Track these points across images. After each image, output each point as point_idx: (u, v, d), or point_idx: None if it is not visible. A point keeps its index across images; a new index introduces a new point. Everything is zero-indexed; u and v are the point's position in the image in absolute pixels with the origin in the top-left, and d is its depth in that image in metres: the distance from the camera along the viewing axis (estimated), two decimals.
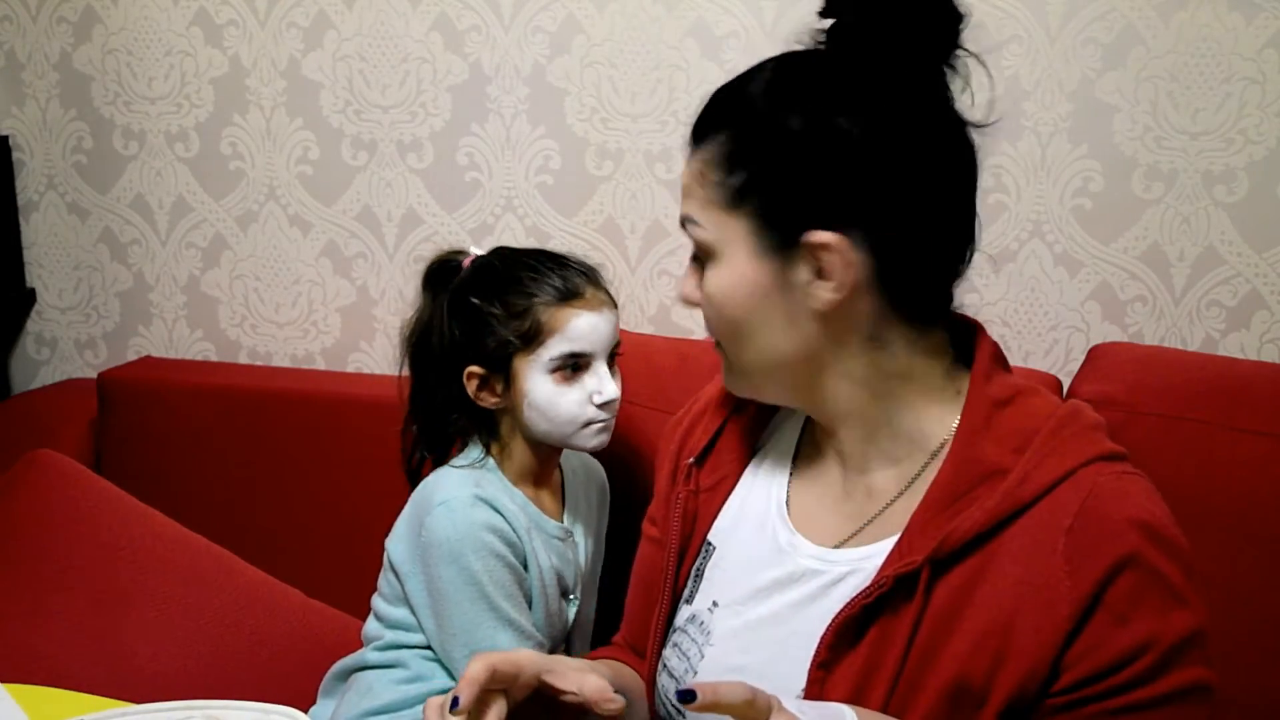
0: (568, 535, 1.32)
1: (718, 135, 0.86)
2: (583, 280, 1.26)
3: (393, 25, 1.75)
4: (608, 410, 1.26)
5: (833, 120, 0.81)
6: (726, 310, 0.87)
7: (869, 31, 0.84)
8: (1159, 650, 0.77)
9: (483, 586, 1.19)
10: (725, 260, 0.86)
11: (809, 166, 0.82)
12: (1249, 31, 1.48)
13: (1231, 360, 1.50)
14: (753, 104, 0.85)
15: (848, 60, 0.85)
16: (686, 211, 0.88)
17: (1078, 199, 1.58)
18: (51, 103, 1.91)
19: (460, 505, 1.21)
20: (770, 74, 0.86)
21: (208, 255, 1.91)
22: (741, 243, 0.85)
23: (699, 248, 0.88)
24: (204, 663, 1.37)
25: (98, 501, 1.48)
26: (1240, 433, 1.29)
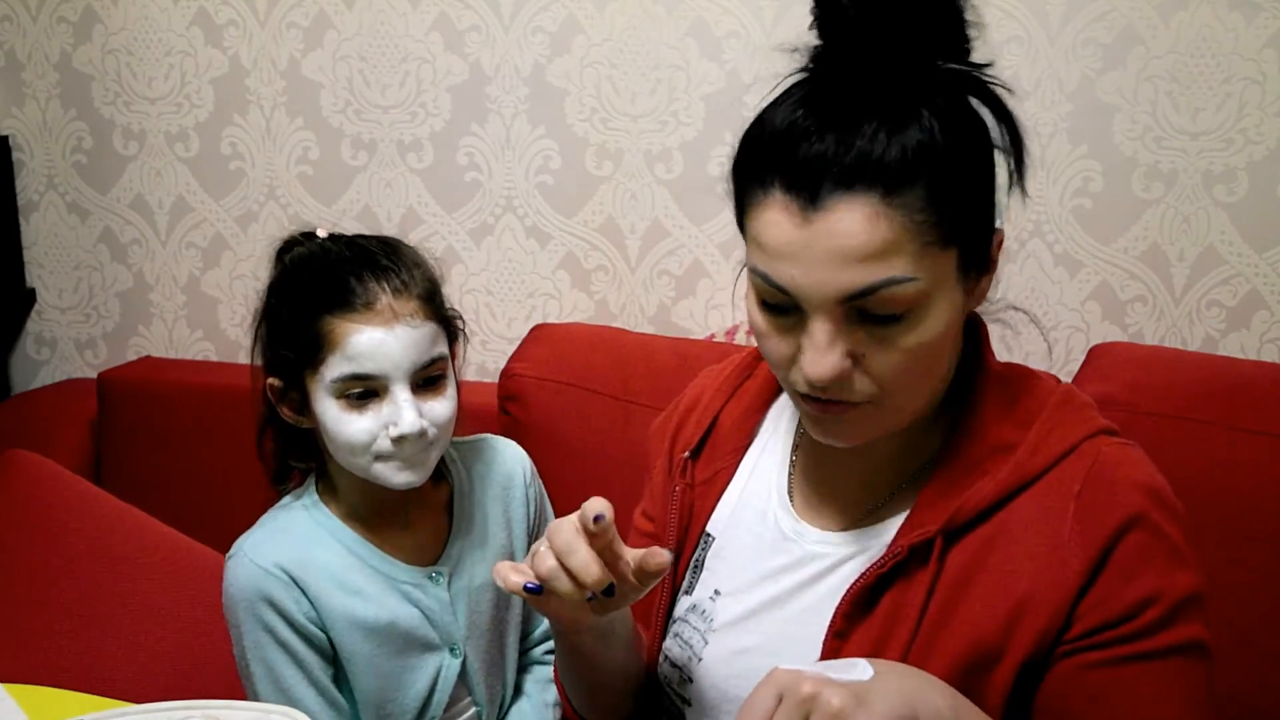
0: (437, 576, 1.14)
1: (918, 173, 0.76)
2: (381, 288, 1.05)
3: (393, 25, 1.75)
4: (409, 445, 1.05)
5: (971, 126, 0.81)
6: (935, 352, 0.81)
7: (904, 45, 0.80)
8: (1164, 605, 0.80)
9: (249, 664, 1.08)
10: (936, 302, 0.79)
11: (983, 167, 0.82)
12: (1249, 31, 1.48)
13: (1231, 360, 1.49)
14: (940, 114, 0.78)
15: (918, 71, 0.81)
16: (886, 274, 0.76)
17: (1078, 199, 1.58)
18: (51, 103, 1.91)
19: (242, 564, 1.08)
20: (892, 88, 0.78)
21: (208, 255, 1.91)
22: (951, 274, 0.80)
23: (900, 305, 0.77)
24: (181, 670, 1.36)
25: (73, 502, 1.47)
26: (1240, 432, 1.29)
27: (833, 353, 0.78)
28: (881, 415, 0.83)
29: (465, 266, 1.80)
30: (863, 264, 0.75)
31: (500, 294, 1.81)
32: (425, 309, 1.07)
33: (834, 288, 0.76)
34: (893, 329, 0.78)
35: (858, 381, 0.80)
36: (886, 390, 0.81)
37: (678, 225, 1.71)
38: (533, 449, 1.54)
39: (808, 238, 0.76)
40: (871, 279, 0.76)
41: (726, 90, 1.65)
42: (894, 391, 0.81)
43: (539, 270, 1.79)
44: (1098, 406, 0.91)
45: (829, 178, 0.75)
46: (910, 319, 0.78)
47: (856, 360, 0.80)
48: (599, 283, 1.77)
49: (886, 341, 0.79)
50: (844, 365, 0.79)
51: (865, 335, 0.79)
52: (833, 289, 0.76)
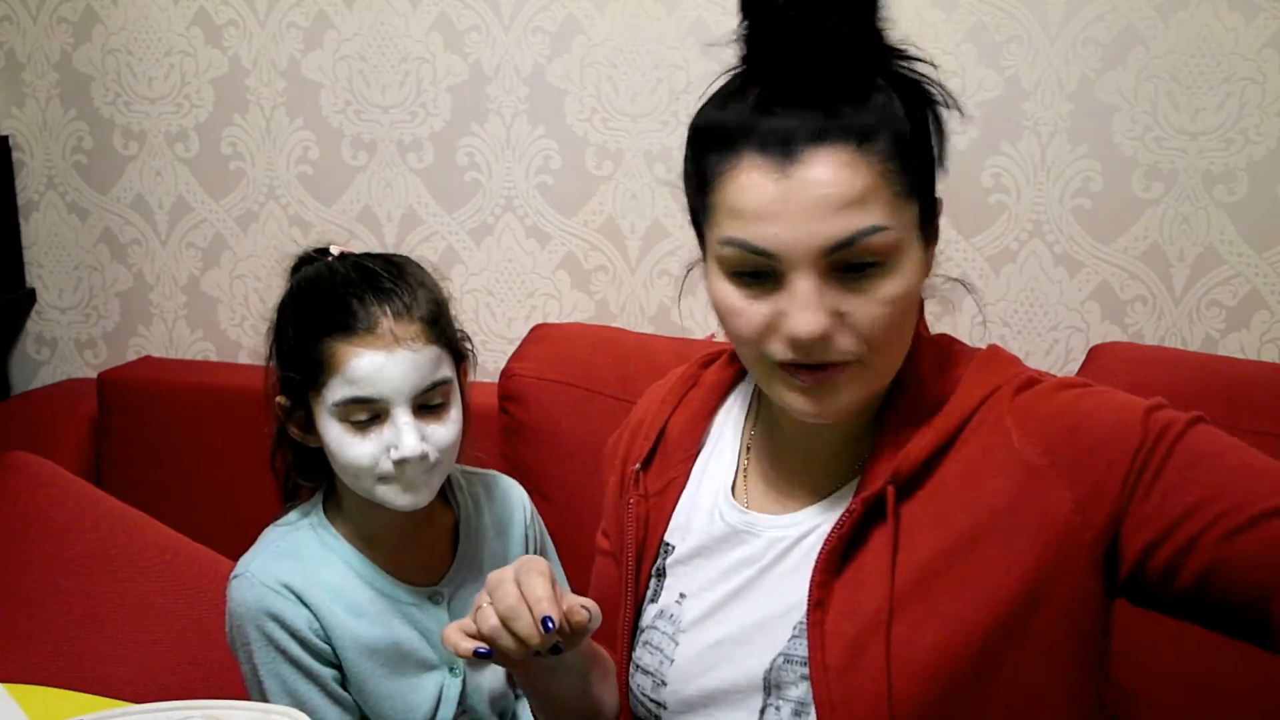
0: (438, 597, 1.15)
1: (884, 130, 0.80)
2: (383, 311, 1.05)
3: (393, 25, 1.75)
4: (410, 469, 1.05)
5: (912, 93, 0.85)
6: (909, 308, 0.83)
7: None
8: (1167, 428, 0.83)
9: (260, 680, 1.08)
10: (907, 254, 0.82)
11: (935, 138, 0.85)
12: (1249, 31, 1.48)
13: (1231, 360, 1.49)
14: (887, 92, 0.82)
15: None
16: (868, 222, 0.78)
17: (1078, 199, 1.58)
18: (51, 103, 1.91)
19: (247, 583, 1.08)
20: (837, 62, 0.81)
21: (208, 255, 1.91)
22: (915, 229, 0.83)
23: (877, 254, 0.79)
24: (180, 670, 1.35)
25: (72, 504, 1.47)
26: (1240, 432, 1.27)
27: (819, 308, 0.79)
28: (867, 376, 0.84)
29: (465, 266, 1.80)
30: (842, 212, 0.77)
31: (500, 294, 1.81)
32: (428, 332, 1.07)
33: (818, 239, 0.78)
34: (872, 282, 0.80)
35: (841, 340, 0.81)
36: (871, 346, 0.81)
37: (678, 225, 1.71)
38: (532, 449, 1.54)
39: (786, 192, 0.78)
40: (853, 227, 0.78)
41: None
42: (877, 348, 0.82)
43: (539, 270, 1.79)
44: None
45: (802, 134, 0.78)
46: (886, 270, 0.80)
47: (839, 319, 0.80)
48: (599, 283, 1.77)
49: (867, 295, 0.80)
50: (829, 322, 0.80)
51: (846, 292, 0.80)
52: (816, 241, 0.78)
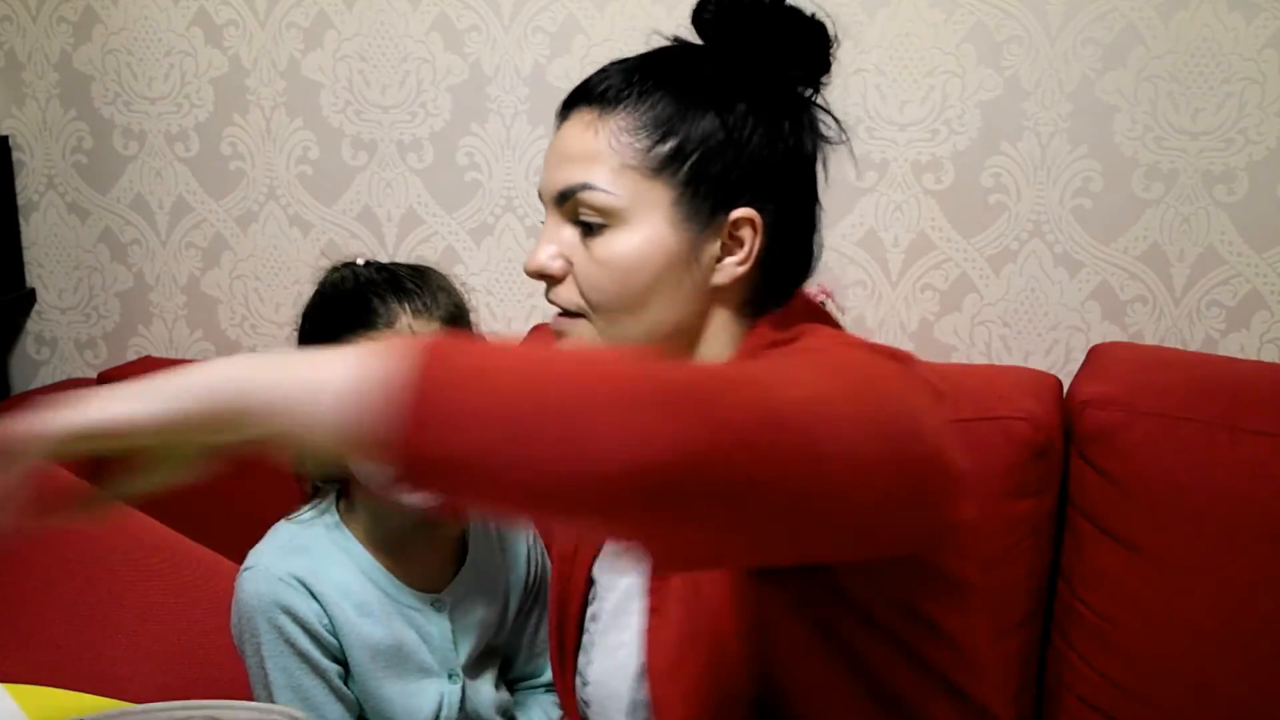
0: (440, 604, 1.16)
1: (644, 97, 0.87)
2: (400, 306, 1.08)
3: (393, 25, 1.75)
4: None
5: (762, 102, 0.88)
6: (633, 278, 0.86)
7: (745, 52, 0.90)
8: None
9: (267, 672, 1.09)
10: (636, 227, 0.86)
11: (744, 144, 0.87)
12: (1249, 31, 1.48)
13: (1231, 360, 1.50)
14: (690, 72, 0.88)
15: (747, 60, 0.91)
16: (584, 179, 0.86)
17: (1078, 199, 1.58)
18: (51, 103, 1.91)
19: (258, 576, 1.10)
20: (701, 52, 0.91)
21: (208, 255, 1.91)
22: (659, 210, 0.86)
23: (595, 212, 0.86)
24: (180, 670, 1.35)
25: None
26: (1240, 432, 1.29)
27: (547, 246, 0.89)
28: (593, 335, 0.89)
29: (465, 266, 1.80)
30: (571, 165, 0.87)
31: (500, 294, 1.81)
32: (447, 330, 1.10)
33: (553, 186, 0.89)
34: (596, 239, 0.87)
35: (566, 289, 0.88)
36: (589, 304, 0.88)
37: None
38: None
39: (555, 142, 0.91)
40: (573, 180, 0.87)
41: None
42: (595, 307, 0.88)
43: None
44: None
45: (576, 96, 0.90)
46: (609, 233, 0.86)
47: (569, 269, 0.88)
48: None
49: (589, 253, 0.87)
50: (552, 262, 0.88)
51: (579, 244, 0.88)
52: (552, 187, 0.89)
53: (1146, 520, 1.30)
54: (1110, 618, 1.31)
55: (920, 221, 1.63)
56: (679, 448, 0.60)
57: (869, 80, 1.61)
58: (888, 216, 1.64)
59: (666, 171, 0.86)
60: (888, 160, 1.62)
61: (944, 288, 1.63)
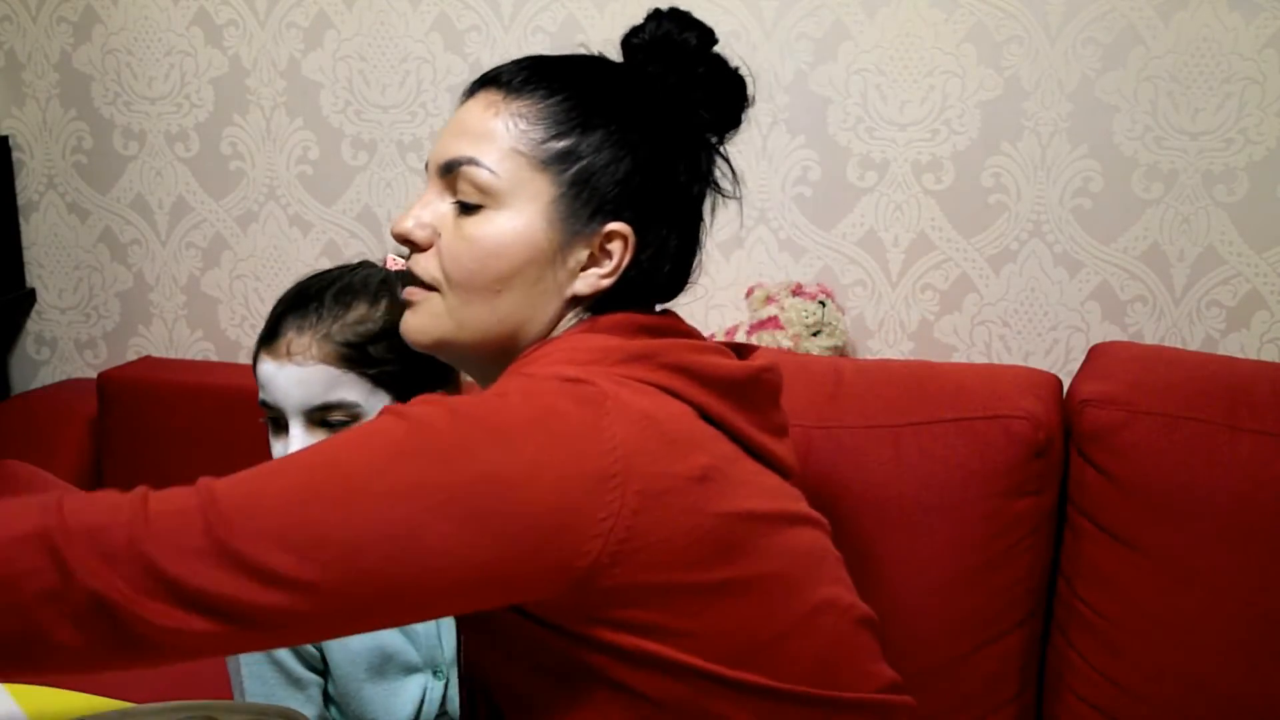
0: None
1: (551, 93, 0.88)
2: (289, 323, 1.07)
3: (393, 25, 1.75)
4: None
5: (665, 135, 0.90)
6: (496, 263, 0.87)
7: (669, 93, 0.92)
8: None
9: (242, 680, 1.09)
10: (511, 213, 0.87)
11: (635, 166, 0.89)
12: (1249, 31, 1.48)
13: (1231, 360, 1.49)
14: (602, 83, 0.90)
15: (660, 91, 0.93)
16: (473, 154, 0.87)
17: (1078, 199, 1.58)
18: (51, 103, 1.91)
19: None
20: (621, 72, 0.92)
21: (208, 255, 1.91)
22: (538, 203, 0.87)
23: (475, 190, 0.87)
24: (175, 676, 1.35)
25: None
26: (1240, 432, 1.29)
27: (418, 213, 0.89)
28: (437, 311, 0.89)
29: None
30: (462, 138, 0.88)
31: None
32: (326, 351, 1.05)
33: (440, 154, 0.89)
34: (468, 218, 0.88)
35: (429, 261, 0.89)
36: (446, 278, 0.88)
37: None
38: None
39: (455, 118, 0.91)
40: (458, 153, 0.88)
41: None
42: (451, 285, 0.88)
43: None
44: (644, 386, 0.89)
45: (486, 80, 0.91)
46: (483, 214, 0.87)
47: (435, 241, 0.89)
48: None
49: (459, 229, 0.88)
50: (420, 230, 0.89)
51: (450, 218, 0.89)
52: (439, 155, 0.89)
53: (1146, 520, 1.30)
54: (1110, 617, 1.31)
55: (920, 221, 1.63)
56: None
57: (869, 80, 1.61)
58: (888, 216, 1.64)
59: (554, 168, 0.87)
60: (888, 160, 1.62)
61: (944, 288, 1.63)
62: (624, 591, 0.78)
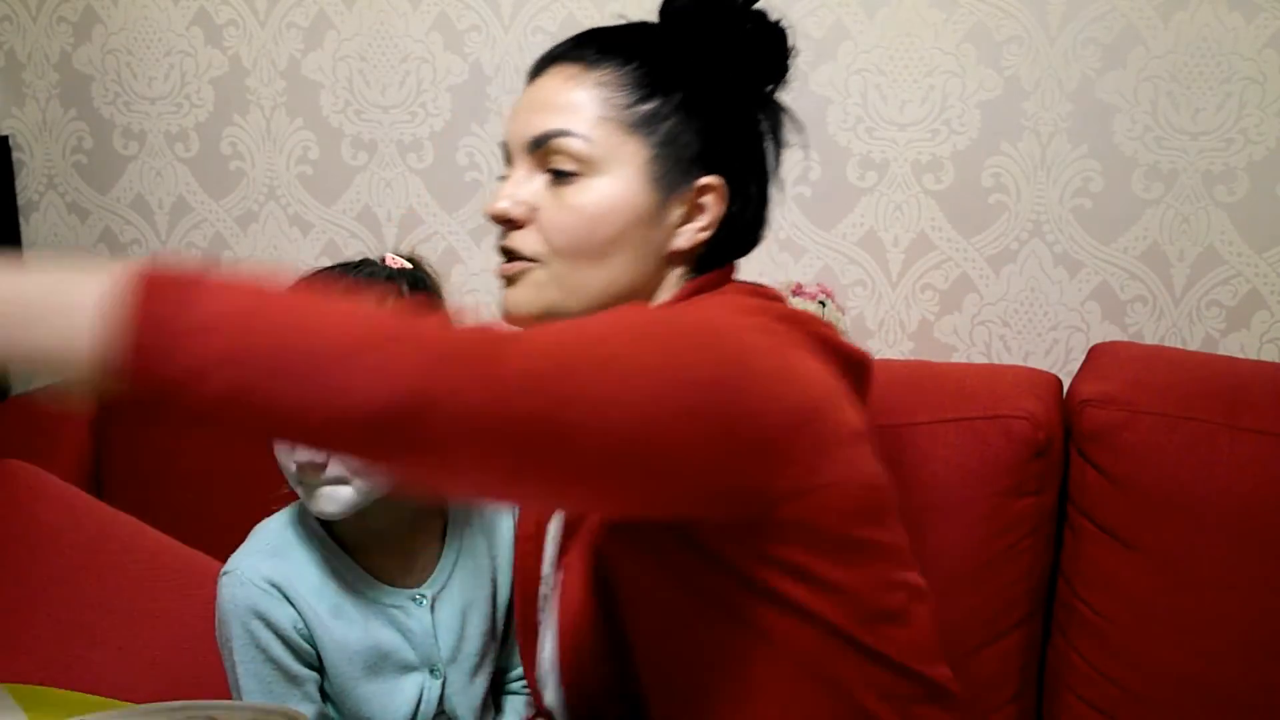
0: (420, 599, 1.15)
1: (627, 60, 0.90)
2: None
3: (393, 25, 1.75)
4: (308, 474, 1.06)
5: (729, 89, 0.93)
6: (600, 228, 0.88)
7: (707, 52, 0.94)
8: None
9: (238, 677, 1.10)
10: (609, 178, 0.88)
11: (715, 119, 0.91)
12: (1249, 31, 1.48)
13: (1232, 360, 1.49)
14: (668, 46, 0.93)
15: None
16: (563, 125, 0.88)
17: (1078, 199, 1.58)
18: (51, 103, 1.91)
19: (235, 581, 1.11)
20: (668, 30, 0.95)
21: (208, 255, 1.91)
22: (634, 166, 0.89)
23: (570, 159, 0.88)
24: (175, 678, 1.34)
25: (65, 512, 1.47)
26: (1240, 432, 1.29)
27: (513, 191, 0.90)
28: (544, 282, 0.90)
29: (465, 267, 1.80)
30: (547, 113, 0.90)
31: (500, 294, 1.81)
32: None
33: (524, 133, 0.91)
34: (567, 188, 0.88)
35: (529, 236, 0.90)
36: (552, 250, 0.89)
37: None
38: None
39: (528, 95, 0.93)
40: (549, 126, 0.89)
41: None
42: (558, 254, 0.89)
43: None
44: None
45: (556, 53, 0.94)
46: (582, 181, 0.88)
47: (533, 215, 0.90)
48: None
49: (559, 199, 0.89)
50: (516, 207, 0.89)
51: (546, 192, 0.89)
52: (523, 134, 0.91)
53: (1146, 519, 1.30)
54: (1110, 617, 1.31)
55: (920, 221, 1.63)
56: (412, 387, 0.60)
57: (869, 80, 1.61)
58: (888, 216, 1.64)
59: (644, 130, 0.89)
60: (888, 160, 1.62)
61: (944, 288, 1.63)
62: (795, 528, 0.80)
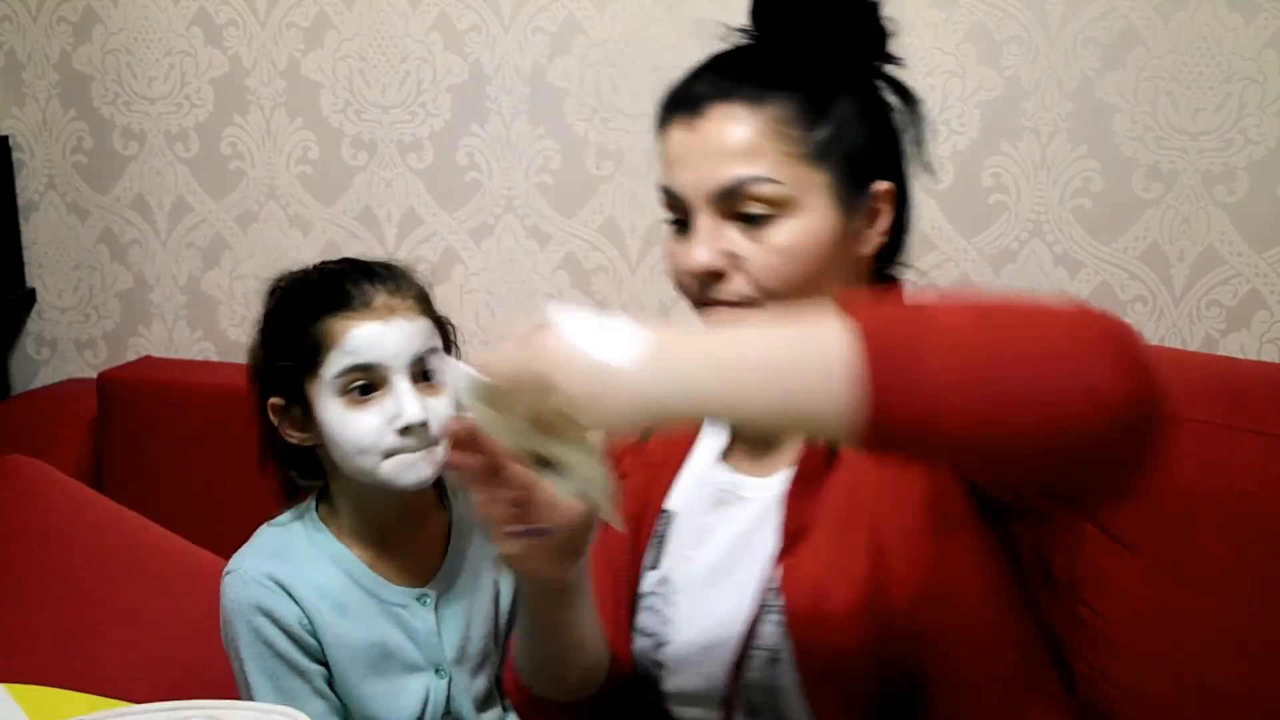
0: (425, 599, 1.15)
1: (786, 89, 0.90)
2: (376, 288, 1.09)
3: (393, 25, 1.75)
4: (414, 437, 1.06)
5: (866, 93, 0.95)
6: (808, 262, 0.90)
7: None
8: None
9: (247, 675, 1.09)
10: (805, 212, 0.89)
11: (870, 126, 0.93)
12: (1249, 31, 1.48)
13: (1232, 360, 1.50)
14: (806, 62, 0.91)
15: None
16: (749, 172, 0.88)
17: (1078, 199, 1.58)
18: (51, 103, 1.91)
19: (239, 579, 1.10)
20: (790, 54, 0.93)
21: (208, 255, 1.91)
22: (823, 193, 0.90)
23: (764, 204, 0.88)
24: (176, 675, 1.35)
25: (70, 508, 1.47)
26: (1240, 432, 1.29)
27: (707, 244, 0.89)
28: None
29: (465, 267, 1.80)
30: (729, 160, 0.88)
31: (500, 294, 1.81)
32: (419, 306, 1.11)
33: (707, 184, 0.89)
34: (764, 230, 0.89)
35: (736, 282, 0.90)
36: (764, 292, 0.89)
37: None
38: None
39: (693, 141, 0.90)
40: (737, 174, 0.88)
41: None
42: (771, 294, 0.89)
43: (539, 270, 1.79)
44: None
45: (710, 93, 0.90)
46: (779, 222, 0.89)
47: (736, 263, 0.89)
48: (599, 283, 1.77)
49: (761, 243, 0.89)
50: (719, 259, 0.89)
51: (742, 238, 0.89)
52: (706, 185, 0.89)
53: (1146, 520, 1.30)
54: (1110, 617, 1.31)
55: (921, 221, 1.62)
56: (1124, 390, 0.63)
57: None
58: None
59: (824, 156, 0.90)
60: None
61: (945, 288, 1.63)
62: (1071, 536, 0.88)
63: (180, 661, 1.37)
